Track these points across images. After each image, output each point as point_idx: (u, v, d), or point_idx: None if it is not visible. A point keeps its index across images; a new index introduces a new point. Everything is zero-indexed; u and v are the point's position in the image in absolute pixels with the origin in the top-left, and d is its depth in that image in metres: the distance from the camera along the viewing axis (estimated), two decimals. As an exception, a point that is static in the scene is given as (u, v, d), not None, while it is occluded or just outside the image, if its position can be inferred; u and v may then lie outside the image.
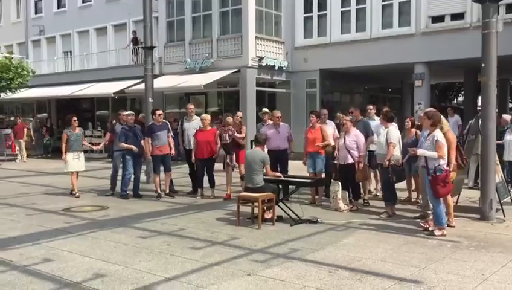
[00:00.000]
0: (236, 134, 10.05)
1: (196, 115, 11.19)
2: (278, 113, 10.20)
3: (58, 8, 26.15)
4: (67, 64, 25.20)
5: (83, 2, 24.87)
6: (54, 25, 25.94)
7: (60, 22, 25.65)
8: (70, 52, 25.47)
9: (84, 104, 24.75)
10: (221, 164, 10.38)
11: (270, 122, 10.37)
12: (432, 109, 7.67)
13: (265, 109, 10.98)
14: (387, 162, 8.01)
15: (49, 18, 26.35)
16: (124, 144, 10.33)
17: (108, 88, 20.64)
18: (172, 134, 10.78)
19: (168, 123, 11.11)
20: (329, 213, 8.57)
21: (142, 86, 14.23)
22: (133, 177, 10.54)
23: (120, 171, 10.66)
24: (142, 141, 10.47)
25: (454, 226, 7.33)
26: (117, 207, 9.37)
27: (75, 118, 10.75)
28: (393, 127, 8.43)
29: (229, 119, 10.30)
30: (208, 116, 10.47)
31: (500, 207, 8.06)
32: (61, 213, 8.82)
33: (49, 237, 6.98)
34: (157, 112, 10.61)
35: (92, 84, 21.93)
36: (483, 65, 7.84)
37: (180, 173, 12.63)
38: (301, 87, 19.24)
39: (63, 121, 21.19)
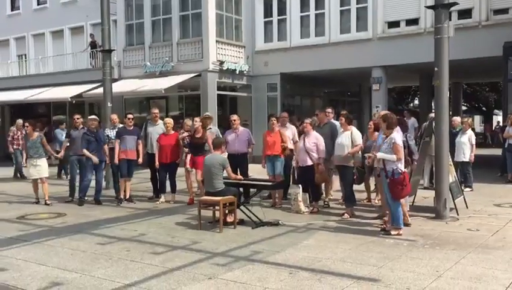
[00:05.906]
0: (184, 135, 10.12)
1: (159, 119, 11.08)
2: (233, 116, 10.12)
3: (12, 10, 25.29)
4: (21, 68, 24.39)
5: (38, 4, 24.17)
6: (7, 28, 25.04)
7: (14, 24, 24.81)
8: (25, 55, 24.69)
9: (40, 109, 23.98)
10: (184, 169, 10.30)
11: (212, 127, 10.49)
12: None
13: (207, 114, 11.03)
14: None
15: (3, 20, 25.42)
16: (86, 152, 10.04)
17: (65, 92, 20.13)
18: (142, 141, 10.55)
19: (139, 129, 10.80)
20: (290, 215, 8.65)
21: (101, 90, 13.97)
22: (93, 183, 10.32)
23: (78, 177, 10.42)
24: (106, 146, 10.36)
25: (410, 225, 7.54)
26: (75, 214, 9.16)
27: (26, 124, 10.48)
28: (356, 129, 8.66)
29: (188, 121, 10.32)
30: (170, 120, 10.39)
31: (454, 206, 8.35)
32: (15, 221, 8.54)
33: (2, 246, 6.74)
34: (128, 116, 10.51)
35: (48, 88, 21.31)
36: (436, 69, 8.09)
37: (141, 178, 12.45)
38: (262, 91, 19.34)
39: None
